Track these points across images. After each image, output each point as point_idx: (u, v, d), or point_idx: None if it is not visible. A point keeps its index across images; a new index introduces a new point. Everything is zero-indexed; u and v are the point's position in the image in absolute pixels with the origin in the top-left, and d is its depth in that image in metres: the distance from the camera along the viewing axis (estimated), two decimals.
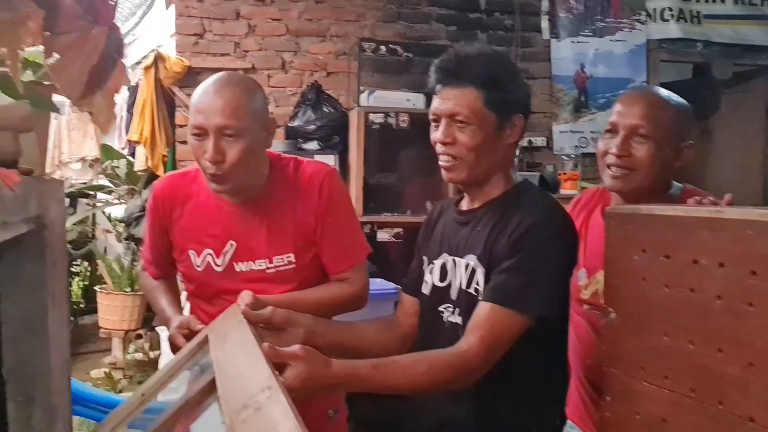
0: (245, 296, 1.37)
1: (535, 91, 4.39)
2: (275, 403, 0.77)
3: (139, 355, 4.67)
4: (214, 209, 1.66)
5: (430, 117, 1.45)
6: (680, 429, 1.08)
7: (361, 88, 3.74)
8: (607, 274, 1.28)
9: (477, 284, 1.39)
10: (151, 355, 4.64)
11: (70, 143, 5.35)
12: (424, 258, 1.58)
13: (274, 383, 0.83)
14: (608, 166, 1.61)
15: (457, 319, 1.44)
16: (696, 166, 1.70)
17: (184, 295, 1.90)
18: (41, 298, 1.37)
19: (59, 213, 1.49)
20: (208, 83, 1.56)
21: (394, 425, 1.68)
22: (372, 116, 3.49)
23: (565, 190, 3.79)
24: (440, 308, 1.49)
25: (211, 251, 1.65)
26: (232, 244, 1.64)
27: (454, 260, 1.48)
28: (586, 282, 1.68)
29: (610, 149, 1.59)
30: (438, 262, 1.52)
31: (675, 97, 1.62)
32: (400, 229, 3.50)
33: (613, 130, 1.61)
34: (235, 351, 1.14)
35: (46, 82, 1.17)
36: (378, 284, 2.76)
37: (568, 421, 1.82)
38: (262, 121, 1.58)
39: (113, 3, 1.12)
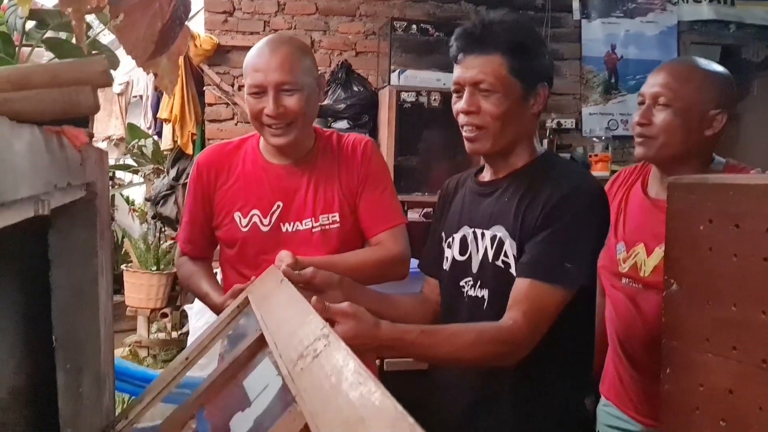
0: (285, 256, 1.36)
1: (565, 72, 4.34)
2: (334, 349, 0.75)
3: (163, 335, 4.71)
4: (260, 172, 1.70)
5: (452, 87, 1.42)
6: (748, 400, 1.06)
7: (392, 67, 3.72)
8: (668, 246, 1.26)
9: (506, 256, 1.37)
10: (174, 334, 4.68)
11: (96, 122, 5.36)
12: (443, 234, 1.55)
13: (330, 332, 0.81)
14: (635, 136, 1.66)
15: (480, 293, 1.41)
16: (725, 150, 1.69)
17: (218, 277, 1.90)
18: (92, 267, 1.38)
19: (106, 183, 1.49)
20: (261, 44, 1.64)
21: (424, 380, 1.65)
22: (404, 95, 3.47)
23: (597, 171, 3.76)
24: (461, 283, 1.46)
25: (257, 212, 1.68)
26: (278, 205, 1.67)
27: (475, 232, 1.44)
28: (625, 255, 1.68)
29: (635, 119, 1.65)
30: (458, 236, 1.49)
31: (709, 66, 1.63)
32: (429, 209, 3.49)
33: (641, 102, 1.65)
34: (282, 307, 1.12)
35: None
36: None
37: (603, 399, 1.82)
38: (314, 77, 1.67)
39: None
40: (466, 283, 1.44)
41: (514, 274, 1.34)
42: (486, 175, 1.50)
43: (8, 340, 1.38)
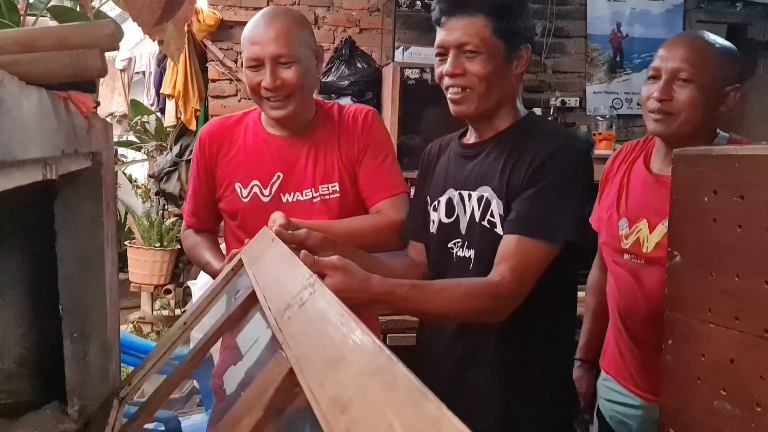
0: (277, 217, 1.36)
1: (570, 50, 4.32)
2: (319, 296, 0.75)
3: (166, 311, 4.74)
4: (261, 144, 1.71)
5: (435, 51, 1.43)
6: (749, 369, 1.07)
7: (396, 44, 3.70)
8: (672, 218, 1.26)
9: (492, 216, 1.39)
10: (177, 311, 4.71)
11: (99, 99, 5.34)
12: (428, 198, 1.55)
13: (316, 280, 0.81)
14: (651, 111, 1.61)
15: (468, 253, 1.43)
16: (730, 129, 1.68)
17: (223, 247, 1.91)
18: (98, 237, 1.39)
19: (111, 154, 1.50)
20: (257, 17, 1.64)
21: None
22: (408, 72, 3.46)
23: (600, 150, 3.74)
24: (449, 245, 1.48)
25: (258, 182, 1.69)
26: (279, 176, 1.68)
27: (461, 194, 1.46)
28: (627, 231, 1.68)
29: (653, 94, 1.59)
30: (443, 199, 1.50)
31: (720, 41, 1.61)
32: None
33: (655, 76, 1.61)
34: (272, 264, 1.13)
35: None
36: None
37: (603, 374, 1.83)
38: (312, 49, 1.67)
39: None
40: (454, 244, 1.46)
41: (500, 232, 1.37)
42: (470, 138, 1.52)
43: (15, 310, 1.40)
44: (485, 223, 1.40)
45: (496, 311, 1.28)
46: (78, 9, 1.12)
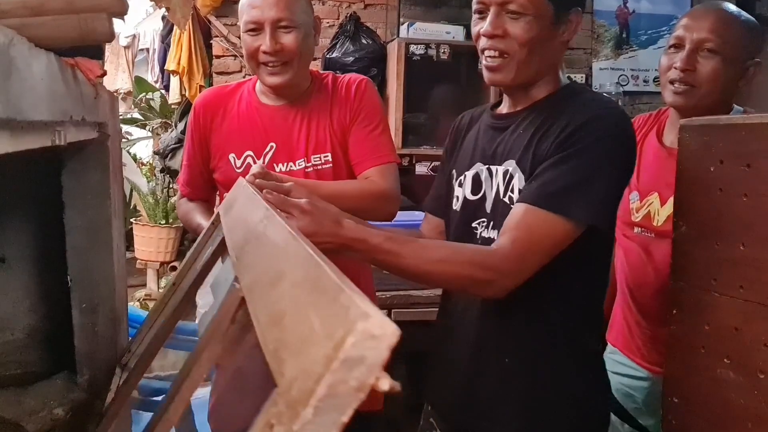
0: (255, 167, 1.31)
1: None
2: (271, 225, 0.74)
3: None
4: (254, 114, 1.71)
5: (474, 7, 1.26)
6: (753, 337, 1.08)
7: (401, 20, 3.68)
8: (678, 188, 1.26)
9: (512, 192, 1.24)
10: None
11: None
12: (453, 172, 1.43)
13: (271, 213, 0.79)
14: (671, 82, 1.57)
15: (493, 234, 1.29)
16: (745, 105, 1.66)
17: None
18: (105, 208, 1.40)
19: (116, 126, 1.50)
20: None
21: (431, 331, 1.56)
22: (413, 47, 3.43)
23: None
24: (474, 224, 1.34)
25: (251, 153, 1.69)
26: (272, 146, 1.68)
27: (489, 169, 1.32)
28: (638, 205, 1.67)
29: (675, 64, 1.55)
30: (470, 173, 1.36)
31: (745, 14, 1.57)
32: (438, 163, 3.48)
33: (678, 45, 1.56)
34: (240, 208, 1.10)
35: None
36: (416, 215, 2.76)
37: (609, 346, 1.84)
38: (311, 18, 1.66)
39: None
40: (479, 224, 1.33)
41: None
42: (504, 108, 1.38)
43: (24, 282, 1.41)
44: (506, 200, 1.26)
45: (485, 284, 1.12)
46: None
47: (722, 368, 1.14)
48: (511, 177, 1.25)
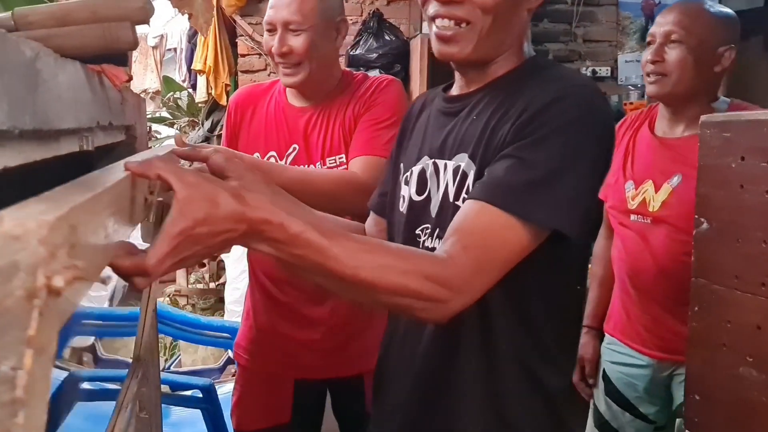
0: (177, 139, 1.21)
1: (600, 18, 4.24)
2: None
3: (201, 285, 4.84)
4: (281, 114, 1.71)
5: None
6: None
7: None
8: (699, 184, 1.26)
9: (467, 193, 1.00)
10: (211, 284, 4.80)
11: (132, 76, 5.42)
12: (401, 165, 1.19)
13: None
14: (647, 74, 1.70)
15: (436, 243, 1.05)
16: (762, 99, 1.72)
17: None
18: None
19: (144, 128, 1.53)
20: None
21: None
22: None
23: None
24: (417, 231, 1.10)
25: (275, 153, 1.69)
26: (294, 148, 1.68)
27: (436, 164, 1.09)
28: (634, 193, 1.73)
29: (647, 57, 1.69)
30: (416, 169, 1.13)
31: (716, 7, 1.71)
32: None
33: (651, 42, 1.70)
34: None
35: None
36: None
37: (607, 337, 1.87)
38: (330, 19, 1.62)
39: None
40: (422, 231, 1.09)
41: None
42: (456, 89, 1.13)
43: None
44: (459, 202, 1.01)
45: (434, 303, 0.86)
46: None
47: (744, 366, 1.13)
48: (465, 175, 1.02)
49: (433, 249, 1.01)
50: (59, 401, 1.41)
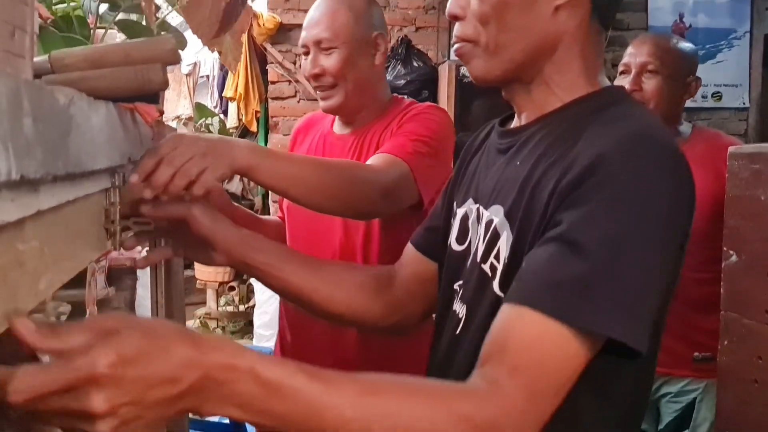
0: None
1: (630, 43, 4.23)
2: None
3: (231, 308, 4.88)
4: (321, 143, 1.64)
5: None
6: None
7: (452, 41, 3.72)
8: (728, 216, 1.24)
9: (496, 258, 0.82)
10: (241, 307, 4.84)
11: (166, 102, 5.54)
12: (454, 202, 1.02)
13: None
14: None
15: (459, 309, 0.90)
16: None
17: None
18: None
19: None
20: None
21: None
22: (464, 70, 3.45)
23: None
24: (455, 285, 0.93)
25: None
26: None
27: (479, 210, 0.91)
28: None
29: (625, 87, 1.73)
30: (460, 212, 0.97)
31: (678, 39, 1.93)
32: None
33: (626, 71, 1.82)
34: None
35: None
36: None
37: None
38: (366, 35, 1.49)
39: None
40: (459, 286, 0.92)
41: (498, 291, 0.81)
42: (515, 121, 0.94)
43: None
44: (486, 268, 0.84)
45: None
46: (144, 22, 1.18)
47: None
48: (496, 235, 0.83)
49: (455, 314, 0.89)
50: None
